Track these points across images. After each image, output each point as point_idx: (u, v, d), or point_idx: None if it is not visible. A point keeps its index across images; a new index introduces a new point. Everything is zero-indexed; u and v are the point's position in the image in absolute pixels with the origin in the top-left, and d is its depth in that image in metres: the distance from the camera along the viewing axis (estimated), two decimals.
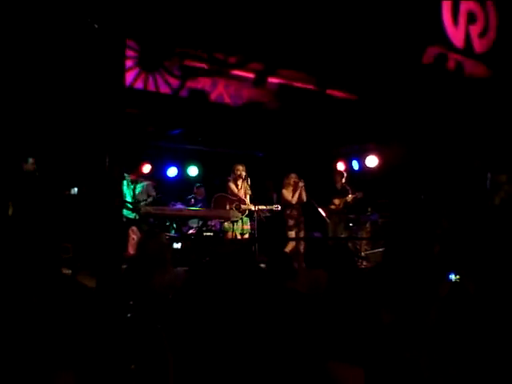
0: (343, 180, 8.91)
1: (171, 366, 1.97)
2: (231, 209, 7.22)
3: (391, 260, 4.56)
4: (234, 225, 7.19)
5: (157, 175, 9.35)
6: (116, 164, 2.55)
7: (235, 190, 7.39)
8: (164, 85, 6.30)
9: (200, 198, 9.02)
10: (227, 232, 7.29)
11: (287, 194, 8.03)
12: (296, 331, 2.30)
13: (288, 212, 7.99)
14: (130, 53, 5.62)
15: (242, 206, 7.25)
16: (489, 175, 7.04)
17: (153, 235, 4.24)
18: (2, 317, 2.39)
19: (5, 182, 6.41)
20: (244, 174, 7.35)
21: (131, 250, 7.15)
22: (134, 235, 7.56)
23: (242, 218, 7.18)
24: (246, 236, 7.24)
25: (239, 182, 7.41)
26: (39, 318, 2.38)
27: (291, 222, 8.10)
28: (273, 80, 6.88)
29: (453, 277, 4.22)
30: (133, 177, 7.93)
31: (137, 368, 1.97)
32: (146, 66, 6.01)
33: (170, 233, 8.18)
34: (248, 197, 7.30)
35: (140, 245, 4.30)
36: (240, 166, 7.42)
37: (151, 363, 2.00)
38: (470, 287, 3.61)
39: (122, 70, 3.02)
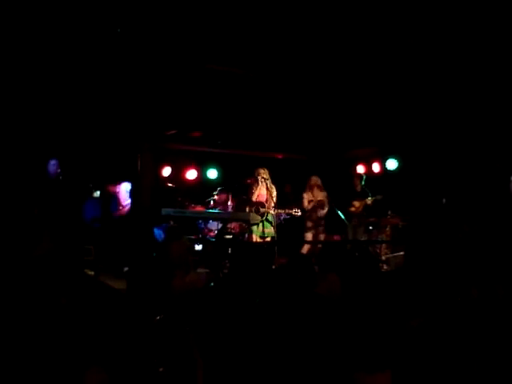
0: (363, 183, 8.89)
1: (200, 369, 2.00)
2: (250, 212, 7.25)
3: (413, 264, 4.54)
4: (255, 228, 7.24)
5: (176, 178, 9.43)
6: (148, 168, 2.59)
7: (255, 194, 7.42)
8: None
9: (220, 201, 9.06)
10: (251, 234, 7.34)
11: (305, 197, 8.12)
12: (326, 338, 2.31)
13: (307, 214, 8.04)
14: None
15: (261, 209, 7.27)
16: (511, 178, 6.94)
17: (175, 237, 4.29)
18: (33, 317, 2.45)
19: (29, 185, 6.54)
20: (266, 177, 7.37)
21: None
22: None
23: (262, 221, 7.20)
24: (268, 239, 7.27)
25: (261, 186, 7.42)
26: (68, 318, 2.43)
27: (309, 224, 8.16)
28: None
29: None
30: None
31: (165, 371, 2.00)
32: None
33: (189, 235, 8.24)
34: (271, 200, 7.30)
35: (163, 247, 4.35)
36: (261, 170, 7.45)
37: (180, 366, 2.03)
38: (473, 292, 3.60)
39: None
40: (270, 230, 7.29)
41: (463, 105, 6.58)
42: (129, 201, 7.32)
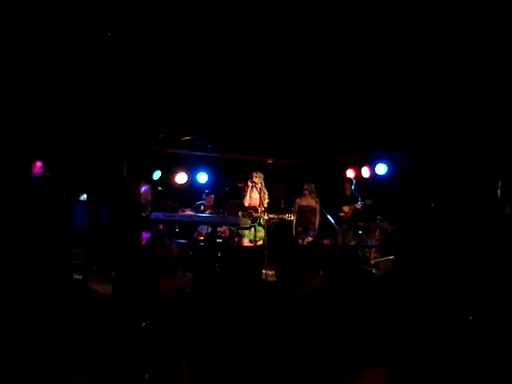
0: (352, 187, 8.92)
1: (186, 376, 1.98)
2: (243, 216, 7.24)
3: (402, 268, 4.55)
4: (246, 231, 7.24)
5: (166, 181, 9.40)
6: (133, 172, 2.57)
7: (248, 198, 7.41)
8: None
9: (209, 204, 9.04)
10: (242, 238, 7.34)
11: (299, 201, 8.17)
12: (310, 339, 2.31)
13: (296, 219, 8.07)
14: None
15: (254, 214, 7.25)
16: (499, 184, 6.99)
17: (158, 240, 4.24)
18: (16, 322, 2.41)
19: (15, 188, 6.46)
20: (259, 181, 7.36)
21: None
22: None
23: (254, 226, 7.19)
24: (260, 242, 7.26)
25: (254, 190, 7.40)
26: (53, 323, 2.40)
27: (299, 229, 8.18)
28: None
29: None
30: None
31: (151, 377, 1.98)
32: None
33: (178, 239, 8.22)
34: (264, 205, 7.29)
35: (146, 250, 4.30)
36: (255, 174, 7.42)
37: (165, 373, 2.01)
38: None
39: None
40: (261, 233, 7.28)
41: (452, 110, 6.62)
42: None
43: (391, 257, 7.56)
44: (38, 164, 6.74)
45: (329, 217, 8.15)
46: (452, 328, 3.10)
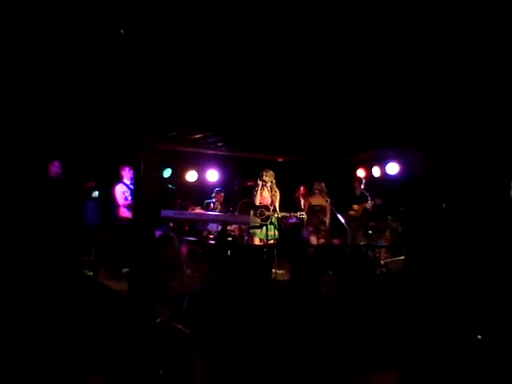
0: (362, 186, 8.90)
1: (200, 372, 1.99)
2: (254, 215, 7.23)
3: (412, 268, 4.53)
4: (257, 230, 7.24)
5: (176, 179, 9.43)
6: (150, 170, 2.59)
7: (259, 197, 7.40)
8: None
9: (219, 202, 9.06)
10: (253, 237, 7.33)
11: (310, 200, 8.16)
12: (323, 341, 2.31)
13: (308, 218, 8.05)
14: None
15: (266, 213, 7.25)
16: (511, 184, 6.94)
17: (168, 239, 4.28)
18: (30, 318, 2.44)
19: (30, 186, 6.53)
20: (269, 179, 7.35)
21: None
22: None
23: (266, 225, 7.17)
24: (271, 242, 7.26)
25: (265, 188, 7.39)
26: (66, 318, 2.42)
27: (310, 228, 8.17)
28: None
29: None
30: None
31: (165, 373, 1.99)
32: None
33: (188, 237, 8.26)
34: (275, 204, 7.28)
35: (155, 249, 4.34)
36: (265, 172, 7.41)
37: (180, 369, 2.02)
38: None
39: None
40: (272, 232, 7.27)
41: (464, 110, 6.58)
42: (124, 201, 7.35)
43: (401, 257, 7.53)
44: (56, 163, 6.83)
45: (339, 216, 8.13)
46: (464, 330, 3.09)
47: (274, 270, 6.86)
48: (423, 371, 2.40)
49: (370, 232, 8.82)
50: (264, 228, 7.14)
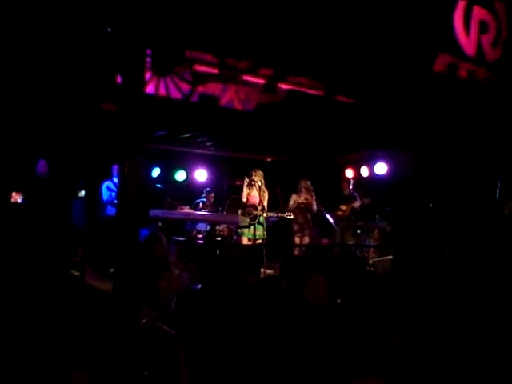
0: (350, 186, 8.93)
1: (185, 373, 1.98)
2: (242, 214, 7.23)
3: (400, 268, 4.55)
4: (245, 230, 7.22)
5: (165, 179, 9.39)
6: (136, 169, 2.57)
7: (247, 196, 7.40)
8: (175, 90, 6.31)
9: (209, 203, 9.04)
10: (240, 236, 7.32)
11: (296, 198, 8.11)
12: (313, 345, 2.30)
13: (293, 217, 8.03)
14: None
15: (254, 212, 7.24)
16: (499, 184, 7.00)
17: (157, 239, 4.26)
18: (15, 318, 2.41)
19: (17, 185, 6.47)
20: (259, 179, 7.34)
21: None
22: None
23: (254, 224, 7.16)
24: (259, 241, 7.25)
25: (254, 188, 7.39)
26: (52, 319, 2.40)
27: (296, 227, 8.17)
28: (282, 86, 6.87)
29: None
30: None
31: (150, 374, 1.98)
32: (158, 70, 6.03)
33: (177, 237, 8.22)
34: (263, 203, 7.28)
35: (144, 248, 4.31)
36: (255, 172, 7.41)
37: (165, 370, 2.01)
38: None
39: (142, 77, 3.04)
40: (260, 232, 7.26)
41: (452, 110, 6.62)
42: (109, 198, 7.31)
43: (389, 257, 7.57)
44: (42, 162, 6.78)
45: (328, 216, 8.14)
46: (451, 330, 3.10)
47: (262, 270, 6.85)
48: (411, 376, 2.40)
49: (358, 232, 8.85)
50: (252, 227, 7.14)
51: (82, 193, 7.66)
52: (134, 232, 2.59)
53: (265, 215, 7.21)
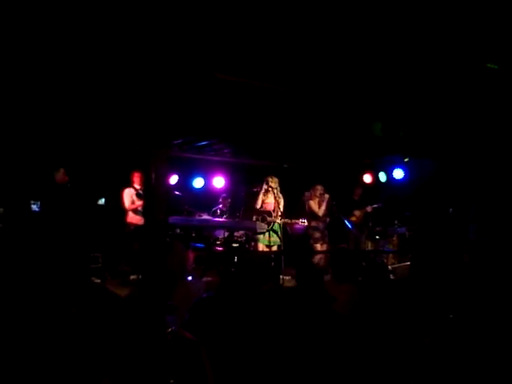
0: (361, 192, 8.89)
1: (211, 382, 1.99)
2: (257, 220, 7.24)
3: (418, 274, 4.51)
4: (261, 236, 7.23)
5: (183, 186, 9.46)
6: (162, 177, 2.62)
7: (259, 202, 7.41)
8: None
9: (225, 209, 9.08)
10: (257, 243, 7.33)
11: (314, 205, 8.05)
12: (336, 360, 2.30)
13: (314, 224, 7.98)
14: None
15: (268, 219, 7.25)
16: None
17: (172, 247, 4.28)
18: (38, 326, 2.45)
19: (37, 193, 6.58)
20: (275, 186, 7.35)
21: None
22: None
23: (268, 230, 7.17)
24: (274, 248, 7.25)
25: (269, 194, 7.40)
26: (79, 328, 2.43)
27: (317, 235, 8.08)
28: None
29: None
30: None
31: (176, 383, 2.00)
32: None
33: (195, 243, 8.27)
34: (278, 210, 7.27)
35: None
36: (270, 178, 7.42)
37: (190, 379, 2.02)
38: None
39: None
40: (275, 239, 7.26)
41: (472, 115, 6.57)
42: (131, 205, 7.38)
43: (408, 263, 7.50)
44: (62, 171, 6.89)
45: (346, 222, 8.10)
46: (469, 337, 3.08)
47: (281, 277, 6.85)
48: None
49: (377, 237, 8.80)
50: (267, 234, 7.15)
51: (102, 200, 7.74)
52: (163, 240, 2.62)
53: (279, 221, 7.20)
